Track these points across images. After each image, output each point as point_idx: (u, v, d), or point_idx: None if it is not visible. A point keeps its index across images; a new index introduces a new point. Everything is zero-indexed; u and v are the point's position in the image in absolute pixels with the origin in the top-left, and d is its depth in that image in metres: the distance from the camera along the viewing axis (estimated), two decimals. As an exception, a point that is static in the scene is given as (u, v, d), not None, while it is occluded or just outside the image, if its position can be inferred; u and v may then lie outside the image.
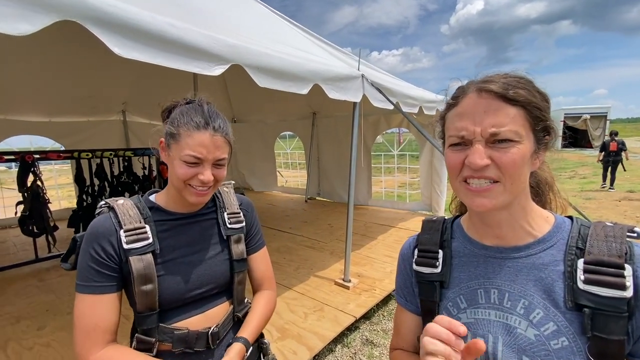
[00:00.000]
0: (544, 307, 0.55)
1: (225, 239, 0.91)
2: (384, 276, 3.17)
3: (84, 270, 0.76)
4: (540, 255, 0.58)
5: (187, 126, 0.78)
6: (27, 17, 1.07)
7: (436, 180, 5.33)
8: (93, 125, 6.10)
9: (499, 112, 0.53)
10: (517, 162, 0.53)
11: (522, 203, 0.59)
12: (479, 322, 0.60)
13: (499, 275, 0.60)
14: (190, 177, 0.78)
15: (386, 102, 3.02)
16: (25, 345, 2.20)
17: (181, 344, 0.82)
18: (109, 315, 0.76)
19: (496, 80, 0.55)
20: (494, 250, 0.62)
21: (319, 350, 2.17)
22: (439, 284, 0.66)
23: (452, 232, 0.70)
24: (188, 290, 0.83)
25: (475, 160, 0.53)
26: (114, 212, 0.80)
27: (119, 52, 1.31)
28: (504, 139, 0.53)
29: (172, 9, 1.83)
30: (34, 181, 3.20)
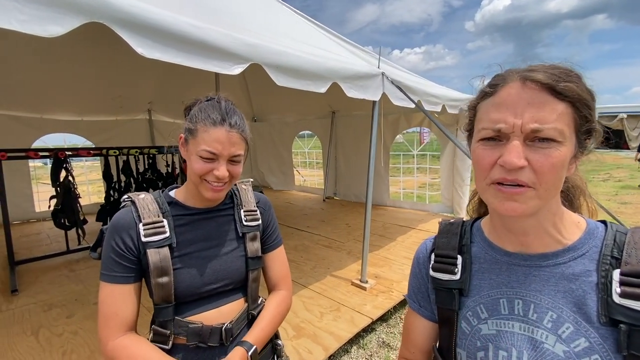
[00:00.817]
0: (575, 321, 0.50)
1: (241, 236, 0.92)
2: (402, 278, 3.11)
3: (106, 260, 0.80)
4: (571, 264, 0.53)
5: (204, 122, 0.80)
6: (57, 20, 1.12)
7: (458, 181, 5.18)
8: (121, 123, 6.36)
9: (545, 106, 0.47)
10: (557, 167, 0.47)
11: (553, 209, 0.54)
12: (502, 334, 0.56)
13: (524, 285, 0.55)
14: (206, 172, 0.80)
15: (407, 100, 2.96)
16: (55, 331, 2.32)
17: (195, 338, 0.83)
18: (127, 304, 0.79)
19: (543, 70, 0.49)
20: (517, 257, 0.57)
21: (335, 351, 2.16)
22: (458, 291, 0.62)
23: (472, 236, 0.65)
24: (203, 285, 0.85)
25: (511, 159, 0.47)
26: (135, 205, 0.83)
27: (142, 52, 1.35)
28: (546, 137, 0.46)
29: (192, 8, 1.87)
30: (66, 177, 3.37)
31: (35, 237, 4.67)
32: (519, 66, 0.53)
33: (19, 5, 1.06)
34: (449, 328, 0.62)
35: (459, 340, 0.61)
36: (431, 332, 0.70)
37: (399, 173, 7.08)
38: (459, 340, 0.61)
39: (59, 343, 2.19)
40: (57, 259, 3.66)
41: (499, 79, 0.52)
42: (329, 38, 3.48)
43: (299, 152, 9.62)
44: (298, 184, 8.26)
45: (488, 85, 0.54)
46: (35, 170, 6.15)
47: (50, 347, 2.15)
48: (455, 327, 0.61)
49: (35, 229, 5.12)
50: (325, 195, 7.00)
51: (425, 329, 0.70)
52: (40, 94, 4.77)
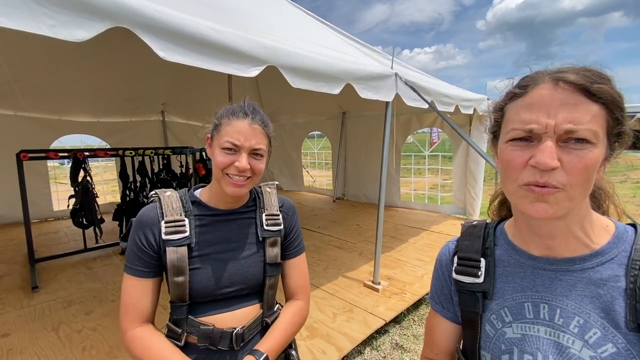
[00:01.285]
0: (602, 326, 0.50)
1: (261, 240, 0.91)
2: (414, 280, 3.09)
3: (129, 253, 0.83)
4: (598, 269, 0.52)
5: (227, 116, 0.82)
6: (83, 24, 1.16)
7: (471, 182, 5.11)
8: (135, 124, 6.50)
9: (579, 107, 0.46)
10: (590, 168, 0.47)
11: (582, 212, 0.53)
12: (527, 338, 0.55)
13: (550, 289, 0.55)
14: (228, 164, 0.80)
15: (420, 101, 2.94)
16: (74, 328, 2.38)
17: (205, 340, 0.83)
18: (145, 298, 0.82)
19: (574, 71, 0.48)
20: (543, 261, 0.56)
21: (348, 352, 2.16)
22: (482, 294, 0.62)
23: (495, 239, 0.65)
24: (218, 287, 0.85)
25: (545, 159, 0.46)
26: (160, 202, 0.84)
27: (164, 55, 1.38)
28: (580, 138, 0.46)
29: (208, 10, 1.90)
30: (84, 177, 3.45)
31: (53, 235, 4.80)
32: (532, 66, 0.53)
33: (48, 11, 1.10)
34: (473, 330, 0.63)
35: (483, 342, 0.61)
36: (454, 333, 0.70)
37: (410, 174, 7.03)
38: (483, 342, 0.61)
39: (79, 339, 2.24)
40: (75, 257, 3.76)
41: (528, 80, 0.51)
42: (340, 38, 3.49)
43: (309, 152, 9.63)
44: (307, 185, 8.28)
45: (517, 86, 0.53)
46: (53, 170, 6.32)
47: (70, 343, 2.21)
48: (479, 330, 0.61)
49: (54, 227, 5.26)
50: (335, 195, 7.00)
51: (448, 330, 0.70)
52: (58, 96, 4.90)
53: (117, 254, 3.87)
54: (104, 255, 3.84)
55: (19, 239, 4.48)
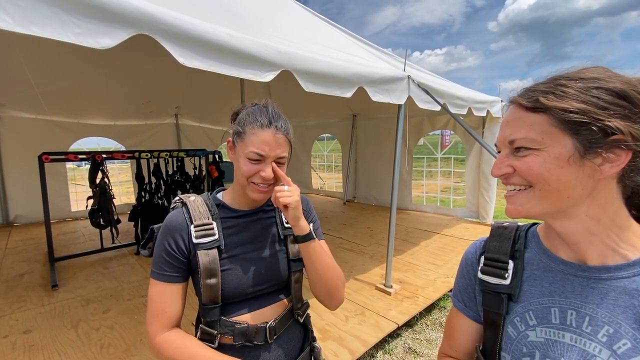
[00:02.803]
0: (634, 337, 0.49)
1: (283, 238, 0.94)
2: (427, 284, 3.06)
3: (157, 259, 0.84)
4: (635, 279, 0.51)
5: (252, 125, 0.83)
6: (109, 33, 1.20)
7: (484, 185, 5.04)
8: (150, 127, 6.64)
9: (517, 121, 0.55)
10: (533, 168, 0.52)
11: (596, 215, 0.52)
12: (551, 343, 0.55)
13: (580, 296, 0.54)
14: (253, 173, 0.82)
15: (433, 103, 2.93)
16: (92, 325, 2.45)
17: (242, 338, 0.85)
18: (175, 302, 0.83)
19: (530, 89, 0.56)
20: (574, 267, 0.56)
21: (361, 355, 2.15)
22: (507, 296, 0.61)
23: (527, 242, 0.64)
24: (249, 286, 0.87)
25: (493, 171, 0.58)
26: (186, 207, 0.86)
27: (183, 61, 1.41)
28: (519, 146, 0.54)
29: (225, 17, 1.94)
30: (102, 178, 3.55)
31: (71, 235, 4.94)
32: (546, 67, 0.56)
33: (75, 20, 1.15)
34: (494, 331, 0.63)
35: (504, 344, 0.61)
36: (475, 332, 0.70)
37: (422, 176, 6.97)
38: (504, 344, 0.61)
39: (97, 337, 2.30)
40: (92, 257, 3.86)
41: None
42: (351, 41, 3.50)
43: (318, 155, 9.65)
44: (317, 187, 8.30)
45: None
46: (72, 172, 6.51)
47: (88, 340, 2.27)
48: (501, 331, 0.61)
49: (72, 227, 5.41)
50: (346, 198, 6.99)
51: (470, 328, 0.70)
52: (77, 100, 5.05)
53: (132, 254, 3.96)
54: (119, 255, 3.93)
55: (38, 238, 4.63)
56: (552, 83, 0.53)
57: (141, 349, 2.16)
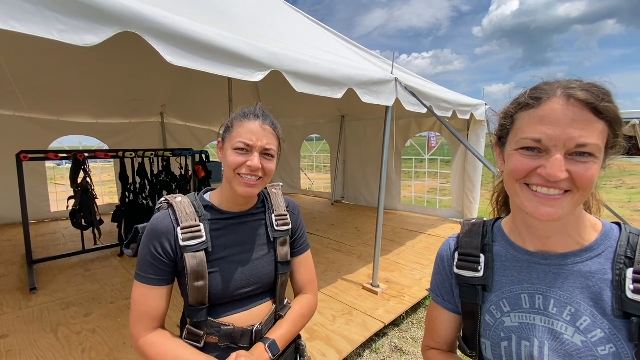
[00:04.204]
0: (592, 314, 0.55)
1: (272, 240, 0.93)
2: (413, 283, 3.11)
3: (142, 261, 0.83)
4: (588, 263, 0.57)
5: (239, 118, 0.85)
6: (94, 30, 1.18)
7: (469, 186, 5.16)
8: (134, 126, 6.49)
9: (589, 124, 0.51)
10: (594, 178, 0.52)
11: (577, 213, 0.58)
12: (524, 326, 0.61)
13: (545, 282, 0.60)
14: (240, 164, 0.82)
15: (420, 105, 2.98)
16: (73, 329, 2.37)
17: (227, 340, 0.85)
18: (159, 305, 0.83)
19: (583, 87, 0.52)
20: (538, 256, 0.62)
21: (348, 354, 2.17)
22: (482, 287, 0.66)
23: (493, 236, 0.69)
24: (236, 289, 0.87)
25: (555, 172, 0.51)
26: (172, 209, 0.85)
27: (172, 60, 1.40)
28: (587, 152, 0.51)
29: (214, 17, 1.92)
30: (84, 178, 3.45)
31: (51, 236, 4.77)
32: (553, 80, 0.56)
33: (60, 16, 1.12)
34: (473, 320, 0.68)
35: (483, 331, 0.66)
36: (454, 323, 0.75)
37: (410, 177, 7.07)
38: (483, 331, 0.66)
39: (78, 341, 2.24)
40: (73, 259, 3.74)
41: (541, 92, 0.55)
42: (340, 43, 3.53)
43: (307, 155, 9.64)
44: (305, 188, 8.30)
45: (530, 97, 0.56)
46: (52, 171, 6.30)
47: (69, 345, 2.20)
48: (480, 320, 0.66)
49: (51, 228, 5.24)
50: (334, 198, 7.02)
51: (450, 320, 0.75)
52: (58, 98, 4.89)
53: (115, 256, 3.86)
54: (102, 257, 3.83)
55: (16, 240, 4.46)
56: (597, 89, 0.52)
57: (125, 352, 2.11)
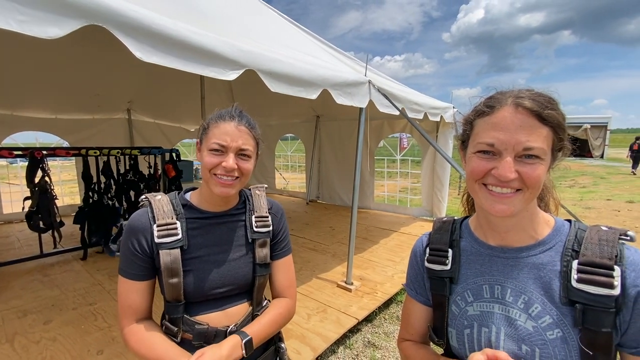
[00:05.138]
0: (542, 302, 0.61)
1: (251, 242, 0.94)
2: (385, 280, 3.20)
3: (122, 257, 0.85)
4: (540, 256, 0.63)
5: (215, 119, 0.86)
6: (57, 22, 1.12)
7: (438, 186, 5.37)
8: (98, 122, 6.15)
9: (534, 130, 0.56)
10: (540, 178, 0.57)
11: (530, 210, 0.64)
12: (484, 314, 0.66)
13: (503, 273, 0.66)
14: (215, 165, 0.83)
15: (392, 107, 3.07)
16: (32, 339, 2.23)
17: (200, 338, 0.86)
18: (139, 298, 0.85)
19: (531, 97, 0.58)
20: (498, 250, 0.67)
21: (322, 351, 2.20)
22: (449, 279, 0.72)
23: (461, 232, 0.75)
24: (210, 288, 0.88)
25: (505, 173, 0.56)
26: (151, 207, 0.86)
27: (141, 56, 1.35)
28: (533, 154, 0.56)
29: (187, 13, 1.88)
30: (42, 177, 3.23)
31: (4, 240, 4.42)
32: (507, 90, 0.62)
33: (18, 5, 1.05)
34: (441, 311, 0.73)
35: (450, 321, 0.71)
36: (427, 315, 0.80)
37: (382, 177, 7.24)
38: (449, 320, 0.71)
39: (37, 350, 2.10)
40: (29, 263, 3.50)
41: (494, 101, 0.61)
42: (315, 43, 3.55)
43: (282, 154, 9.59)
44: (280, 187, 8.26)
45: (485, 105, 0.62)
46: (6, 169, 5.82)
47: (27, 354, 2.07)
48: (447, 310, 0.72)
49: (4, 231, 4.85)
50: (309, 198, 7.05)
51: (422, 313, 0.80)
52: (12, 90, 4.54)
53: (77, 260, 3.65)
54: (62, 261, 3.61)
55: (-38, 244, 4.09)
56: (543, 98, 0.58)
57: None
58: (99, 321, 2.44)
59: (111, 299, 2.78)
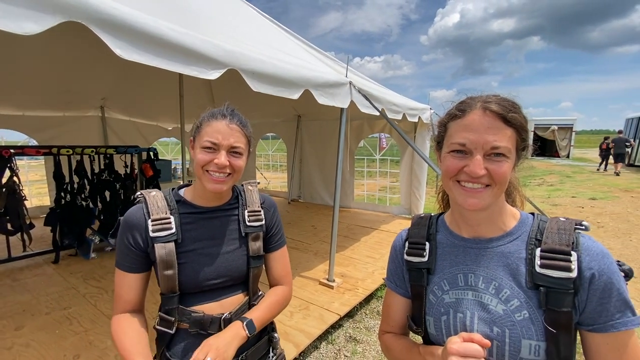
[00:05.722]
0: (510, 287, 0.67)
1: (244, 235, 0.97)
2: (366, 276, 3.28)
3: (118, 250, 0.89)
4: (508, 245, 0.70)
5: (207, 118, 0.89)
6: (34, 17, 1.09)
7: (415, 184, 5.53)
8: (69, 120, 5.89)
9: (500, 131, 0.63)
10: (506, 174, 0.64)
11: (499, 204, 0.71)
12: (459, 301, 0.72)
13: (475, 262, 0.72)
14: (207, 162, 0.86)
15: (372, 108, 3.15)
16: (3, 345, 2.13)
17: (196, 326, 0.90)
18: (131, 290, 0.89)
19: (497, 102, 0.65)
20: (471, 241, 0.74)
21: (305, 347, 2.24)
22: (426, 270, 0.77)
23: (437, 227, 0.81)
24: (205, 280, 0.91)
25: (475, 170, 0.63)
26: (146, 202, 0.89)
27: (121, 53, 1.34)
28: (500, 153, 0.63)
29: (168, 11, 1.86)
30: (10, 177, 3.08)
31: (-35, 244, 4.16)
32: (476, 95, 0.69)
33: (-8, 0, 1.02)
34: (420, 301, 0.78)
35: (428, 309, 0.77)
36: (406, 307, 0.85)
37: (363, 176, 7.36)
38: (427, 309, 0.77)
39: (9, 357, 2.02)
40: (-5, 268, 3.32)
41: (465, 105, 0.68)
42: (296, 43, 3.57)
43: (263, 154, 9.54)
44: (261, 187, 8.21)
45: (456, 109, 0.69)
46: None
47: (-4, 362, 1.98)
48: (425, 300, 0.77)
49: (-35, 235, 4.56)
50: (290, 197, 7.06)
51: (402, 304, 0.85)
52: (-27, 85, 4.27)
53: (49, 263, 3.50)
54: (33, 265, 3.45)
55: None
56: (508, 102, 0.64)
57: None
58: (75, 325, 2.37)
59: (87, 303, 2.70)
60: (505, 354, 0.65)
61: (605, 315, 0.61)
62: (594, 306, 0.62)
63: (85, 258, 3.63)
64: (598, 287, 0.61)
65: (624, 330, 0.61)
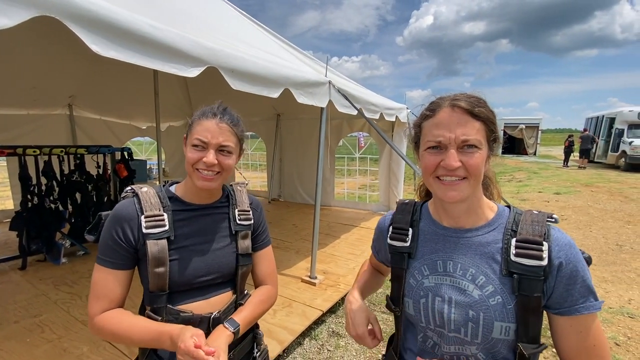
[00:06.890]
0: (486, 274, 0.72)
1: (234, 233, 0.99)
2: (347, 272, 3.34)
3: (103, 246, 0.86)
4: (486, 235, 0.75)
5: (198, 116, 0.90)
6: (6, 11, 1.05)
7: (394, 182, 5.67)
8: (34, 119, 5.56)
9: (468, 124, 0.68)
10: (479, 164, 0.69)
11: (477, 195, 0.76)
12: (438, 286, 0.77)
13: (454, 250, 0.77)
14: (196, 160, 0.87)
15: (351, 107, 3.21)
16: (-34, 358, 2.01)
17: None
18: (116, 288, 0.86)
19: (464, 99, 0.70)
20: (451, 230, 0.79)
21: (289, 344, 2.26)
22: (407, 255, 0.82)
23: (420, 214, 0.86)
24: (195, 276, 0.91)
25: (451, 162, 0.67)
26: (137, 198, 0.87)
27: (97, 50, 1.31)
28: (471, 144, 0.67)
29: (146, 7, 1.82)
30: (-30, 179, 2.89)
31: None
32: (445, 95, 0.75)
33: (-42, -8, 0.98)
34: (399, 283, 0.83)
35: (407, 291, 0.82)
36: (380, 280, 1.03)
37: (342, 175, 7.44)
38: (406, 291, 0.82)
39: (-26, 369, 1.91)
40: (-46, 277, 3.11)
41: (435, 105, 0.73)
42: (274, 42, 3.57)
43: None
44: (241, 187, 8.11)
45: (427, 109, 0.75)
46: None
47: (-40, 375, 1.87)
48: (404, 282, 0.82)
49: None
50: (271, 197, 7.03)
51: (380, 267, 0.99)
52: None
53: (15, 270, 3.31)
54: (-3, 272, 3.26)
55: None
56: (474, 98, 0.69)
57: None
58: (47, 333, 2.27)
59: (59, 310, 2.58)
60: (479, 334, 0.71)
61: (571, 300, 0.67)
62: (561, 292, 0.68)
63: (55, 263, 3.46)
64: (565, 274, 0.67)
65: (587, 313, 0.67)
